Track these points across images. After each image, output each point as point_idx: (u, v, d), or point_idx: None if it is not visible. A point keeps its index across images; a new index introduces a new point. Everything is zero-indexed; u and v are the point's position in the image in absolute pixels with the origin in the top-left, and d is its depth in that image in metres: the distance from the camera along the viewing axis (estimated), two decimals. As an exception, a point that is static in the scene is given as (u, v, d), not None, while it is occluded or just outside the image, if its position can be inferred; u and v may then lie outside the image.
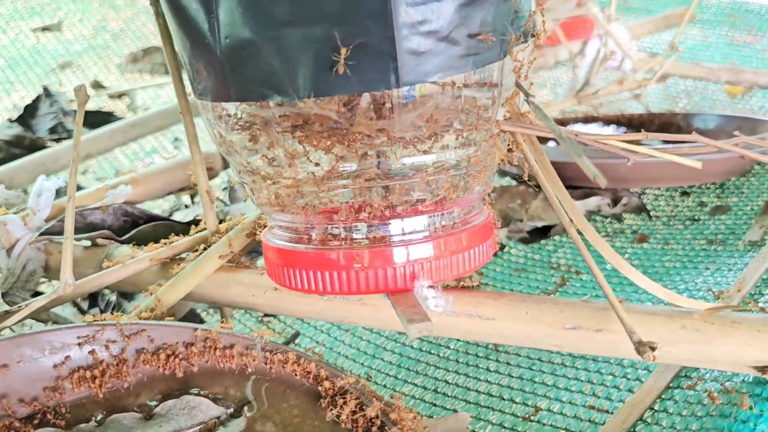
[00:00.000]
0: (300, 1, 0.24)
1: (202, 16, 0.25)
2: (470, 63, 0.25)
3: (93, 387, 0.28)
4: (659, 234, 0.44)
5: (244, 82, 0.25)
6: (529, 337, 0.29)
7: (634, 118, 0.61)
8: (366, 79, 0.24)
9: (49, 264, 0.38)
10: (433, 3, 0.24)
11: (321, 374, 0.28)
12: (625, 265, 0.27)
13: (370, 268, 0.28)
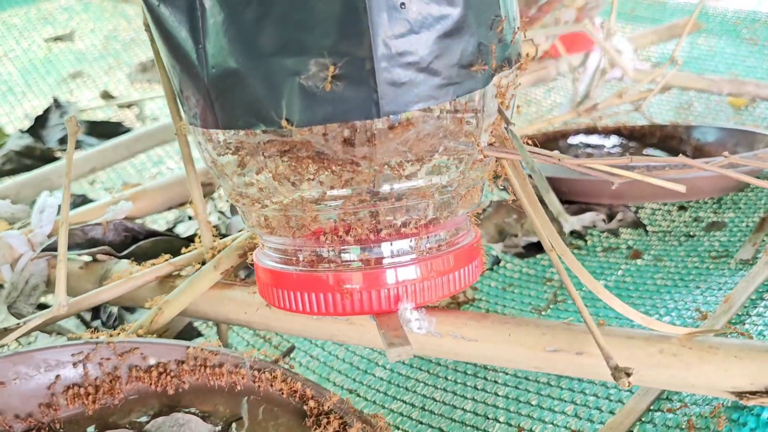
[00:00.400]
0: (282, 32, 0.24)
1: (190, 45, 0.26)
2: (451, 92, 0.26)
3: (86, 403, 0.29)
4: (654, 250, 0.44)
5: (230, 111, 0.26)
6: (510, 359, 0.29)
7: (635, 129, 0.61)
8: (347, 109, 0.25)
9: (51, 278, 0.39)
10: (412, 35, 0.25)
11: (307, 393, 0.29)
12: (601, 290, 0.27)
13: (355, 290, 0.29)
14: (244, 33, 0.25)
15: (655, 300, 0.38)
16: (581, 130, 0.62)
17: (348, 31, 0.24)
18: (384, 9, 0.24)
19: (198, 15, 0.26)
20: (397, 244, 0.29)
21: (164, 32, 0.27)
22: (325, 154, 0.27)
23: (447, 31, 0.25)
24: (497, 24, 0.27)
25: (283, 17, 0.24)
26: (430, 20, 0.25)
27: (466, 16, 0.25)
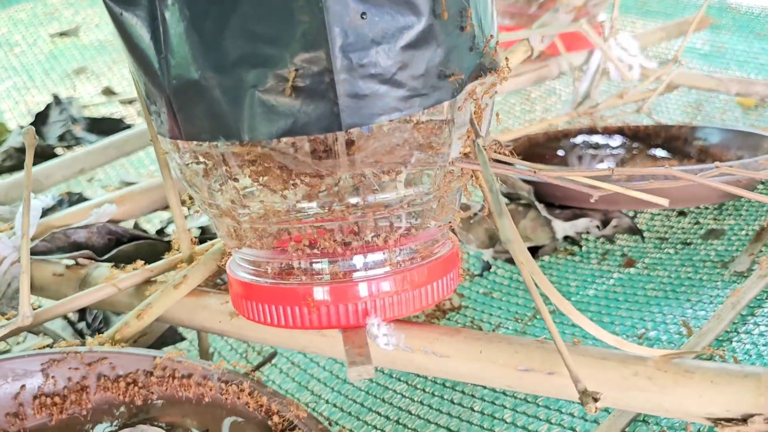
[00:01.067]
0: (241, 44, 0.24)
1: (152, 55, 0.26)
2: (416, 104, 0.25)
3: (54, 414, 0.29)
4: (648, 258, 0.43)
5: (193, 122, 0.26)
6: (481, 377, 0.28)
7: (639, 129, 0.59)
8: (308, 122, 0.24)
9: (33, 282, 0.39)
10: (374, 46, 0.24)
11: (272, 408, 0.29)
12: (573, 311, 0.26)
13: (321, 304, 0.28)
14: (203, 44, 0.24)
15: (643, 312, 0.37)
16: (584, 130, 0.60)
17: (306, 43, 0.23)
18: (344, 20, 0.23)
19: (159, 25, 0.25)
20: (366, 257, 0.28)
21: (128, 41, 0.26)
22: (290, 167, 0.26)
23: (411, 42, 0.24)
24: (468, 33, 0.26)
25: (241, 29, 0.23)
26: (393, 31, 0.24)
27: (432, 26, 0.24)
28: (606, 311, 0.38)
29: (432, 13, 0.24)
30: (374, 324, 0.28)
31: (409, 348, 0.29)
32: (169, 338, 0.41)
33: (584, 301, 0.40)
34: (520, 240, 0.27)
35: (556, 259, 0.45)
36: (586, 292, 0.40)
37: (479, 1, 0.26)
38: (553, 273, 0.44)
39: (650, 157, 0.59)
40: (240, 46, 0.24)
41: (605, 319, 0.37)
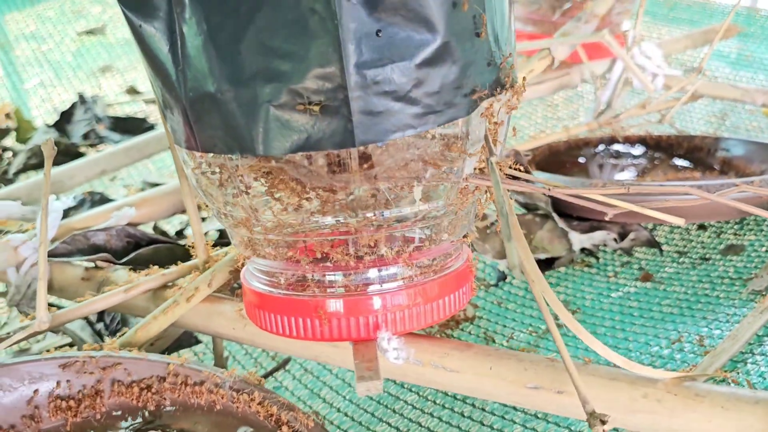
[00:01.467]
0: (256, 59, 0.24)
1: (170, 66, 0.26)
2: (431, 121, 0.25)
3: (68, 417, 0.30)
4: (665, 272, 0.42)
5: (208, 134, 0.26)
6: (491, 393, 0.28)
7: (661, 139, 0.59)
8: (321, 138, 0.24)
9: (53, 283, 0.39)
10: (389, 64, 0.24)
11: (282, 418, 0.29)
12: (582, 331, 0.26)
13: (332, 317, 0.28)
14: (219, 58, 0.24)
15: (658, 329, 0.36)
16: (606, 139, 0.60)
17: (321, 59, 0.23)
18: (358, 37, 0.23)
19: (177, 38, 0.25)
20: (379, 271, 0.28)
21: (147, 52, 0.27)
22: (304, 181, 0.26)
23: (426, 59, 0.24)
24: (484, 50, 0.26)
25: (256, 44, 0.24)
26: (409, 48, 0.24)
27: (448, 43, 0.24)
28: (620, 326, 0.37)
29: (448, 31, 0.24)
30: (385, 338, 0.28)
31: (420, 362, 0.29)
32: (185, 341, 0.41)
33: (598, 315, 0.39)
34: (532, 259, 0.27)
35: (572, 270, 0.45)
36: (601, 305, 0.40)
37: (496, 17, 0.26)
38: (568, 285, 0.43)
39: (672, 167, 0.58)
40: (255, 60, 0.24)
41: (619, 335, 0.37)
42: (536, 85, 0.56)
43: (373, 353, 0.28)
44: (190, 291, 0.33)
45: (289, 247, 0.28)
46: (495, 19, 0.26)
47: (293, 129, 0.24)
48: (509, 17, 0.28)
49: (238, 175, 0.27)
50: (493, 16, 0.26)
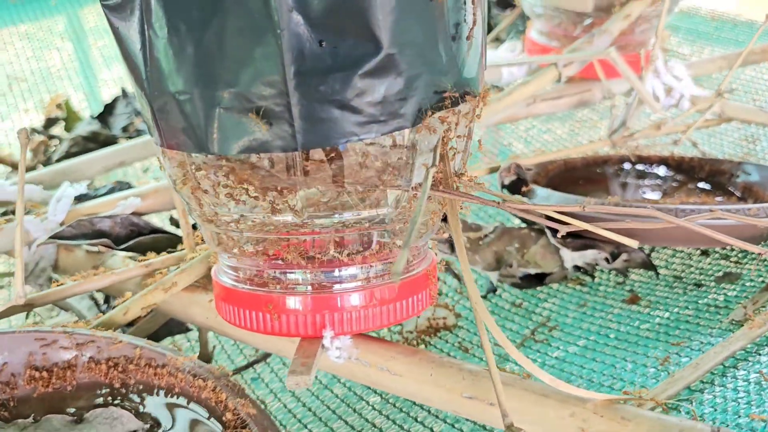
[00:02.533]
0: (210, 63, 0.25)
1: (141, 66, 0.28)
2: (374, 130, 0.26)
3: (41, 387, 0.32)
4: (655, 296, 0.42)
5: (170, 133, 0.28)
6: (429, 400, 0.29)
7: (684, 161, 0.57)
8: (266, 141, 0.26)
9: (58, 263, 0.42)
10: (330, 74, 0.25)
11: (229, 405, 0.30)
12: (514, 351, 0.26)
13: (282, 313, 0.29)
14: (178, 61, 0.26)
15: (628, 352, 0.36)
16: (627, 158, 0.59)
17: (265, 67, 0.25)
18: (300, 46, 0.24)
19: (146, 40, 0.27)
20: (330, 272, 0.29)
21: (124, 52, 0.29)
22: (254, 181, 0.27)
23: (369, 70, 0.25)
24: (438, 61, 0.26)
25: (210, 48, 0.25)
26: (351, 59, 0.25)
27: (393, 55, 0.25)
28: (593, 346, 0.37)
29: (392, 42, 0.25)
30: (328, 337, 0.29)
31: (368, 363, 0.30)
32: (175, 328, 0.43)
33: (575, 333, 0.39)
34: (470, 275, 0.27)
35: (564, 287, 0.45)
36: (581, 324, 0.40)
37: (458, 29, 0.27)
38: (555, 302, 0.43)
39: (693, 190, 0.57)
40: (209, 64, 0.25)
41: (588, 354, 0.36)
42: (554, 100, 0.56)
43: (313, 350, 0.29)
44: (167, 281, 0.35)
45: (250, 245, 0.30)
46: (451, 32, 0.27)
47: (242, 131, 0.26)
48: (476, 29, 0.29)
49: (196, 173, 0.28)
50: (447, 28, 0.26)
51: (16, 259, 0.29)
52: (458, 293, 0.46)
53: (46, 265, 0.42)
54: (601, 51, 0.45)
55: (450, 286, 0.46)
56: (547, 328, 0.40)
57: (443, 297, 0.45)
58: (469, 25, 0.28)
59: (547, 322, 0.41)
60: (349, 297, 0.29)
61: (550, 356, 0.37)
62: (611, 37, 0.49)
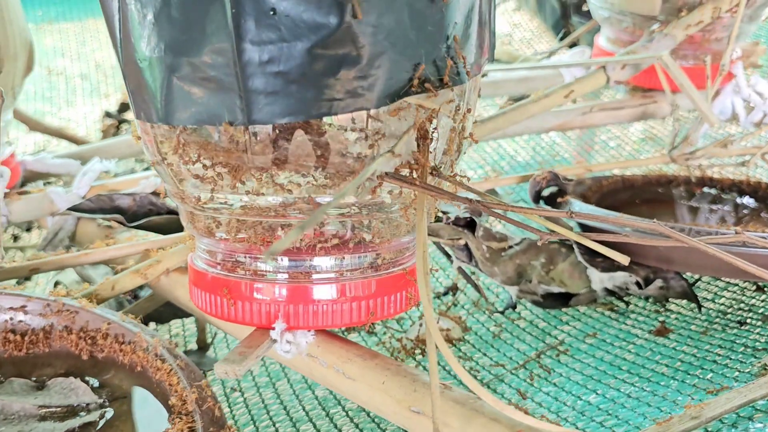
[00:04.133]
0: (166, 31, 0.24)
1: (118, 36, 0.27)
2: (326, 108, 0.24)
3: (15, 350, 0.32)
4: (686, 330, 0.37)
5: (136, 103, 0.27)
6: (380, 409, 0.27)
7: (761, 186, 0.51)
8: (216, 113, 0.24)
9: (75, 234, 0.43)
10: (282, 44, 0.23)
11: (179, 390, 0.29)
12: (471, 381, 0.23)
13: (236, 299, 0.28)
14: (140, 28, 0.25)
15: (636, 387, 0.32)
16: (695, 179, 0.53)
17: (215, 34, 0.23)
18: (252, 14, 0.23)
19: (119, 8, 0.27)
20: (282, 261, 0.28)
21: (108, 23, 0.28)
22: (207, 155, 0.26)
23: (322, 42, 0.23)
24: (406, 37, 0.24)
25: (167, 16, 0.24)
26: (304, 29, 0.23)
27: (351, 27, 0.23)
28: (599, 376, 0.33)
29: (352, 12, 0.23)
30: (278, 329, 0.27)
31: (325, 363, 0.28)
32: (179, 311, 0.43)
33: (586, 360, 0.35)
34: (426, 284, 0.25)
35: (590, 311, 0.41)
36: (595, 351, 0.36)
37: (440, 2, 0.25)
38: (576, 326, 0.39)
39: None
40: (165, 31, 0.24)
41: (590, 385, 0.33)
42: (613, 110, 0.52)
43: (259, 341, 0.27)
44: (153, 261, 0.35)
45: (216, 226, 0.29)
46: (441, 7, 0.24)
47: (192, 102, 0.25)
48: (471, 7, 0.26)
49: (158, 144, 0.27)
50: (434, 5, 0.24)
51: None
52: (475, 306, 0.43)
53: (63, 236, 0.43)
54: (652, 55, 0.40)
55: (468, 297, 0.43)
56: (556, 352, 0.36)
57: (457, 308, 0.42)
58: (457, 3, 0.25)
59: (558, 346, 0.37)
60: (309, 289, 0.28)
61: (548, 382, 0.33)
62: (674, 41, 0.44)
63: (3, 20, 0.40)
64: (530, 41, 0.84)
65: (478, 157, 0.65)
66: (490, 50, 0.29)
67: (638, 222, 0.28)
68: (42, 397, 0.30)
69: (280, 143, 0.25)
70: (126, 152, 0.52)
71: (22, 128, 0.67)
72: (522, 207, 0.27)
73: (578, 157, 0.64)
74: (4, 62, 0.40)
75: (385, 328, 0.41)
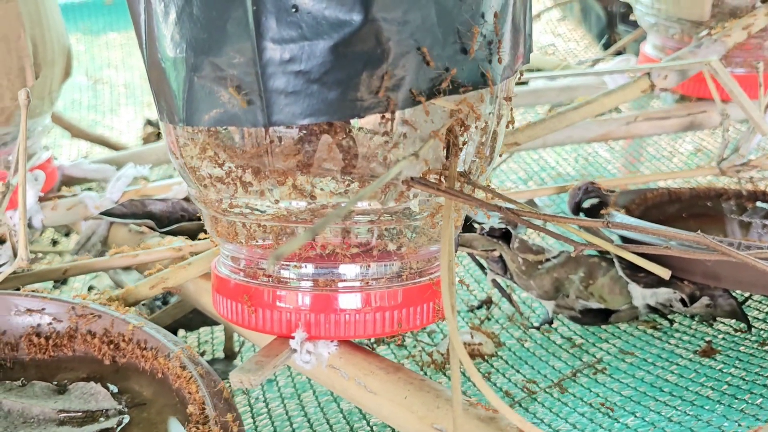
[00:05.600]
0: (189, 30, 0.24)
1: (144, 36, 0.27)
2: (349, 110, 0.23)
3: (39, 353, 0.32)
4: (735, 352, 0.34)
5: (159, 103, 0.27)
6: (400, 425, 0.25)
7: (821, 204, 0.48)
8: (236, 114, 0.24)
9: (108, 239, 0.43)
10: (303, 42, 0.23)
11: (197, 399, 0.28)
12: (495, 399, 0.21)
13: (257, 306, 0.27)
14: (165, 28, 0.25)
15: (678, 411, 0.30)
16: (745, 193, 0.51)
17: (236, 33, 0.23)
18: (273, 11, 0.22)
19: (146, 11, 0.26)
20: (308, 267, 0.27)
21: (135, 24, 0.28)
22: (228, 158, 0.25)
23: (345, 40, 0.22)
24: (433, 37, 0.23)
25: (189, 15, 0.24)
26: (325, 27, 0.22)
27: (375, 24, 0.22)
28: (638, 398, 0.31)
29: (376, 8, 0.22)
30: (298, 339, 0.26)
31: (347, 375, 0.27)
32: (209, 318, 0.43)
33: (624, 380, 0.33)
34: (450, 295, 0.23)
35: (631, 329, 0.39)
36: (635, 371, 0.34)
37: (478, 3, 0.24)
38: (615, 344, 0.37)
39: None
40: (187, 31, 0.24)
41: (628, 407, 0.31)
42: (660, 120, 0.50)
43: (277, 351, 0.26)
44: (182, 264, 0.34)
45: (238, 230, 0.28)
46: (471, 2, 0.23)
47: (213, 102, 0.24)
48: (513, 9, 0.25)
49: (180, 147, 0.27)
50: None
51: (19, 223, 0.29)
52: (509, 320, 0.41)
53: (96, 240, 0.43)
54: (700, 61, 0.38)
55: (503, 311, 0.42)
56: (593, 371, 0.35)
57: (491, 323, 0.41)
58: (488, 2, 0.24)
59: (595, 364, 0.35)
60: (333, 298, 0.27)
61: (584, 402, 0.31)
62: (724, 47, 0.42)
63: (42, 26, 0.41)
64: (575, 51, 0.82)
65: (518, 167, 0.63)
66: (525, 54, 0.28)
67: (682, 234, 0.26)
68: (62, 401, 0.30)
69: (302, 146, 0.24)
70: (161, 158, 0.52)
71: (67, 135, 0.68)
72: (556, 216, 0.25)
73: (623, 170, 0.62)
74: (42, 67, 0.41)
75: (415, 341, 0.39)
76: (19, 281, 0.35)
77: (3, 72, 0.39)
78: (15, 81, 0.40)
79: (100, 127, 0.77)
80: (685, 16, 0.48)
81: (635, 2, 0.54)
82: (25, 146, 0.28)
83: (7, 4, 0.39)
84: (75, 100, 0.81)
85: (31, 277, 0.36)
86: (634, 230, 0.26)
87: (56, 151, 0.70)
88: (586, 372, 0.34)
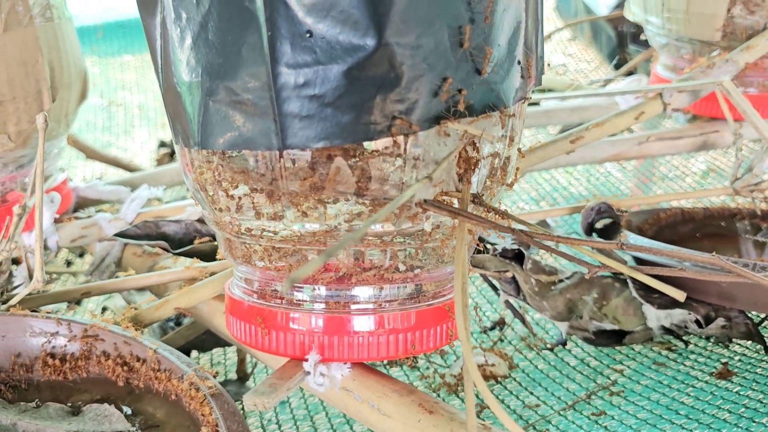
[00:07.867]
0: (203, 54, 0.24)
1: (159, 60, 0.27)
2: (363, 133, 0.23)
3: (53, 374, 0.32)
4: (752, 374, 0.34)
5: (174, 127, 0.27)
6: (414, 449, 0.25)
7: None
8: (251, 138, 0.24)
9: (122, 260, 0.43)
10: (317, 66, 0.23)
11: (210, 421, 0.28)
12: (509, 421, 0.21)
13: (270, 328, 0.27)
14: (180, 52, 0.25)
15: None
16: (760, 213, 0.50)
17: (251, 57, 0.23)
18: (288, 37, 0.23)
19: (161, 33, 0.27)
20: (321, 289, 0.27)
21: (150, 46, 0.29)
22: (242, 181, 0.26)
23: (359, 65, 0.23)
24: (446, 61, 0.23)
25: (205, 40, 0.24)
26: (339, 51, 0.23)
27: (388, 48, 0.23)
28: (654, 421, 0.31)
29: (390, 33, 0.22)
30: (312, 361, 0.26)
31: (360, 398, 0.27)
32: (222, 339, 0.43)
33: (639, 403, 0.33)
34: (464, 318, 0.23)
35: (646, 350, 0.38)
36: (650, 394, 0.34)
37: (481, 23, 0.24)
38: (630, 365, 0.37)
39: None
40: (203, 55, 0.24)
41: (643, 429, 0.30)
42: (672, 140, 0.50)
43: (292, 373, 0.26)
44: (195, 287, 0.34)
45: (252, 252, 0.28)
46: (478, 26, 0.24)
47: (228, 126, 0.24)
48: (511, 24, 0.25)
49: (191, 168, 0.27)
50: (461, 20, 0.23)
51: (35, 244, 0.30)
52: (523, 342, 0.41)
53: (110, 261, 0.43)
54: (712, 81, 0.38)
55: (516, 333, 0.42)
56: (608, 393, 0.34)
57: (504, 344, 0.41)
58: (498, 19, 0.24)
59: (610, 386, 0.35)
60: (346, 320, 0.27)
61: (599, 425, 0.31)
62: (736, 67, 0.42)
63: (59, 50, 0.41)
64: (585, 72, 0.82)
65: (530, 188, 0.63)
66: (537, 76, 0.28)
67: (696, 255, 0.26)
68: (76, 423, 0.30)
69: (316, 169, 0.24)
70: (175, 180, 0.52)
71: (81, 156, 0.68)
72: (568, 237, 0.25)
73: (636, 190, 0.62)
74: (59, 90, 0.41)
75: (428, 362, 0.39)
76: (35, 303, 0.35)
77: (21, 95, 0.40)
78: (32, 104, 0.40)
79: (114, 148, 0.78)
80: (696, 36, 0.48)
81: (646, 22, 0.54)
82: (42, 169, 0.28)
83: (25, 29, 0.39)
84: (89, 122, 0.82)
85: (47, 298, 0.36)
86: (648, 252, 0.26)
87: (71, 172, 0.70)
88: (600, 394, 0.34)
